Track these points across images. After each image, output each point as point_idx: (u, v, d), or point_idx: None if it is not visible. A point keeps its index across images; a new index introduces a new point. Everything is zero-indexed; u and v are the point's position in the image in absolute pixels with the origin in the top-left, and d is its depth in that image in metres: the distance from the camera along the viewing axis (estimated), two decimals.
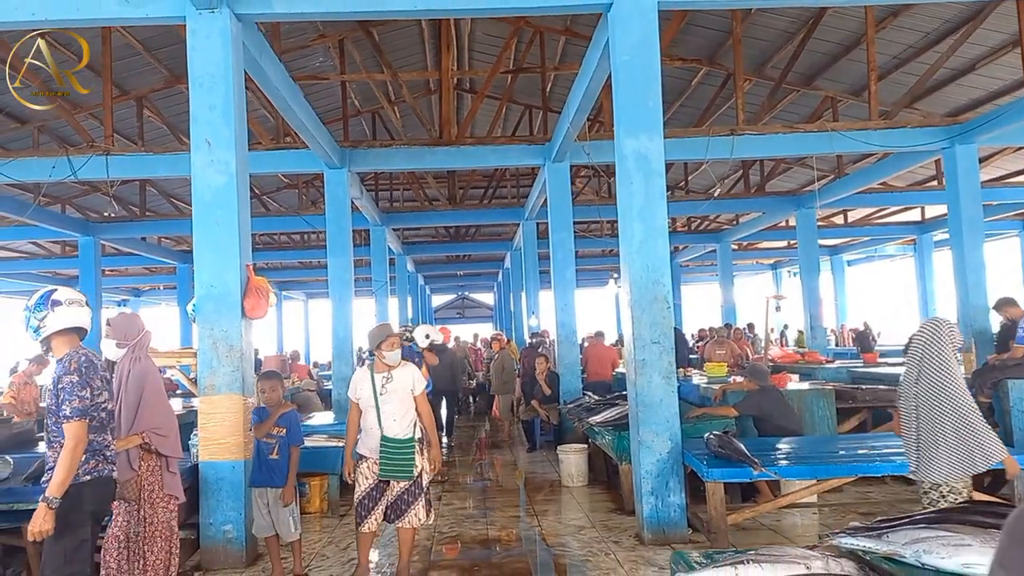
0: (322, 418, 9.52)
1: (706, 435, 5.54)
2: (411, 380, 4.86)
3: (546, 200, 11.05)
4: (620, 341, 14.77)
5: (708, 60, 12.33)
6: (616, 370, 11.15)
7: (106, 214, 12.56)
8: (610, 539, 5.84)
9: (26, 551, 5.03)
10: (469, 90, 15.07)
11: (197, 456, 5.69)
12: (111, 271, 23.32)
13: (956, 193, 10.37)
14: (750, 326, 15.63)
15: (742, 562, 2.58)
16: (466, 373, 14.92)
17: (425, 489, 4.86)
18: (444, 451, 10.97)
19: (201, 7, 5.61)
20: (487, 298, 37.02)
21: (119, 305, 31.09)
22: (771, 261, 29.90)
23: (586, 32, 9.59)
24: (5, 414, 7.13)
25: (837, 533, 2.80)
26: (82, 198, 15.56)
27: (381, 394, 4.75)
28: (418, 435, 4.82)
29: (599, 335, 11.88)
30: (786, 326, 25.66)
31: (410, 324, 18.58)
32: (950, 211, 10.69)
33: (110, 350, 4.35)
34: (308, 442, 7.31)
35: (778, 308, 10.09)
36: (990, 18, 9.46)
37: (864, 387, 8.02)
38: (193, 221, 5.75)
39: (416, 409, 4.86)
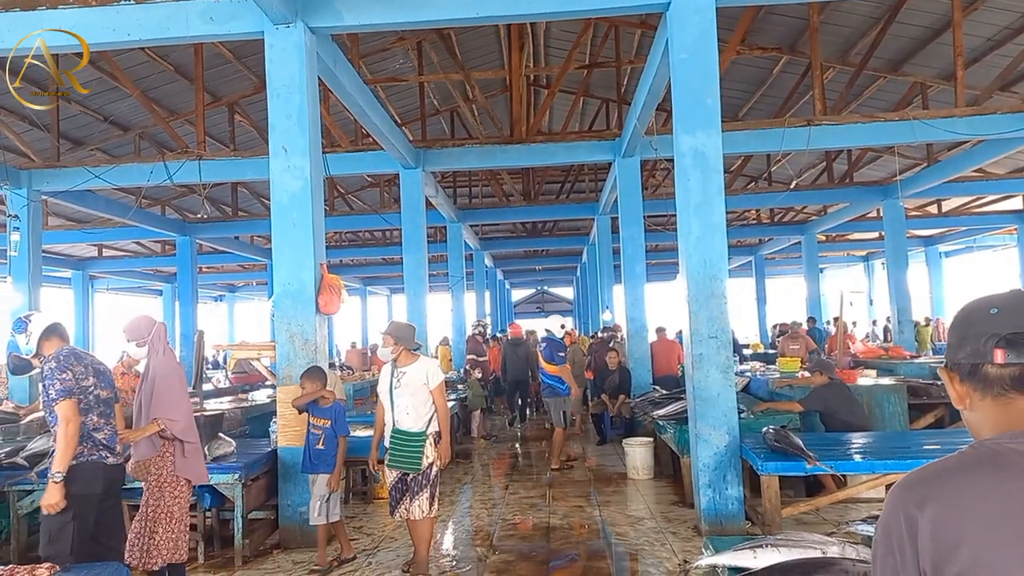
0: None
1: (764, 429, 5.55)
2: (425, 374, 4.97)
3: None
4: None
5: (789, 49, 12.08)
6: (681, 363, 11.15)
7: (200, 215, 13.37)
8: (668, 530, 5.94)
9: None
10: (545, 86, 15.24)
11: (276, 442, 6.10)
12: (207, 268, 24.68)
13: None
14: (811, 320, 15.20)
15: (761, 546, 2.68)
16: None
17: (431, 482, 4.92)
18: (518, 436, 11.26)
19: (277, 22, 6.00)
20: (567, 292, 37.12)
21: (216, 300, 32.84)
22: (863, 253, 28.79)
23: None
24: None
25: (855, 521, 2.85)
26: (179, 199, 16.60)
27: (395, 388, 4.95)
28: (433, 428, 4.94)
29: (660, 330, 11.85)
30: (874, 321, 24.76)
31: (485, 318, 18.95)
32: None
33: (133, 351, 4.55)
34: None
35: (851, 304, 9.82)
36: None
37: (939, 384, 7.77)
38: (272, 223, 6.16)
39: (433, 403, 4.97)
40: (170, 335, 20.16)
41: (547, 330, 9.72)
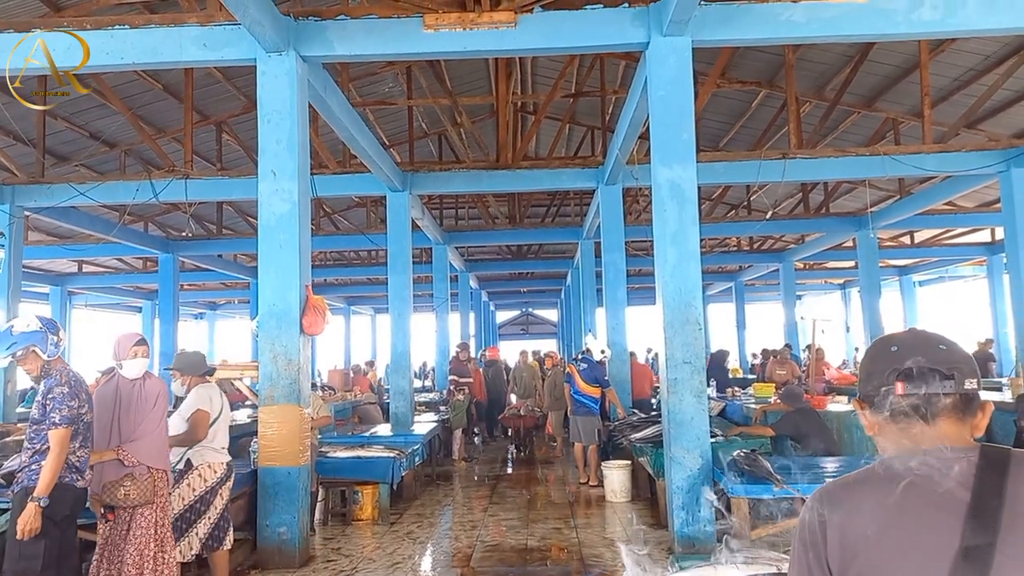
0: (381, 430, 10.00)
1: (735, 453, 5.72)
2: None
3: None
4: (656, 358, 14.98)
5: (767, 83, 12.39)
6: (654, 387, 11.35)
7: (185, 234, 13.44)
8: (643, 552, 6.06)
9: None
10: (532, 112, 15.50)
11: (256, 462, 6.17)
12: (189, 285, 24.58)
13: (1012, 216, 10.23)
14: (787, 347, 15.54)
15: (721, 563, 2.83)
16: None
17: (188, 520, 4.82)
18: (497, 458, 11.34)
19: (270, 50, 6.17)
20: (551, 315, 37.30)
21: (196, 318, 32.67)
22: (840, 281, 29.29)
23: None
24: None
25: None
26: (163, 216, 16.62)
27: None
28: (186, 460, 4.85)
29: (631, 354, 12.06)
30: (856, 348, 25.11)
31: (469, 340, 19.07)
32: (1007, 234, 10.55)
33: (142, 369, 4.48)
34: (363, 452, 7.80)
35: (823, 331, 10.09)
36: None
37: None
38: (259, 244, 6.28)
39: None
40: (150, 353, 20.11)
41: (587, 349, 9.85)
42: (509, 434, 13.02)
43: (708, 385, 14.10)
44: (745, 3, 6.30)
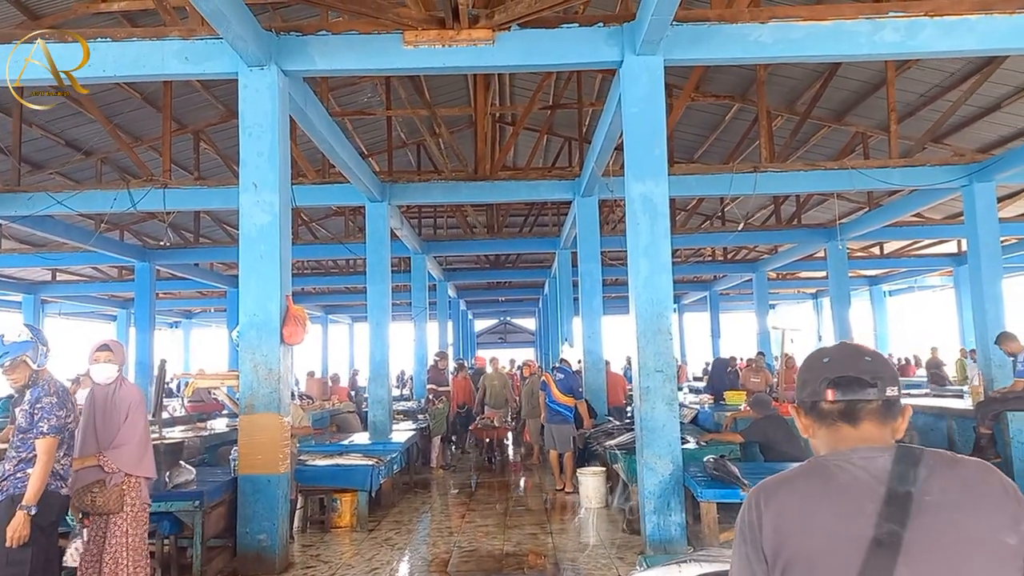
0: (360, 438, 10.08)
1: (705, 459, 5.90)
2: None
3: None
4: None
5: (740, 97, 12.68)
6: (627, 395, 11.53)
7: (162, 243, 13.42)
8: (615, 555, 6.22)
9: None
10: (510, 123, 15.67)
11: (236, 470, 6.24)
12: (164, 294, 24.44)
13: (975, 228, 10.56)
14: (760, 355, 15.82)
15: (685, 561, 2.98)
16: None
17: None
18: (474, 466, 11.43)
19: (252, 64, 6.29)
20: (529, 323, 37.49)
21: (171, 327, 32.41)
22: (813, 291, 29.81)
23: None
24: None
25: None
26: (140, 224, 16.57)
27: None
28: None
29: (606, 363, 12.27)
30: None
31: (447, 348, 19.16)
32: (969, 246, 10.89)
33: (108, 374, 4.51)
34: (342, 460, 7.89)
35: (792, 340, 10.34)
36: (1012, 60, 9.67)
37: None
38: (240, 255, 6.37)
39: None
40: (123, 359, 19.91)
41: (563, 360, 9.99)
42: (478, 446, 12.84)
43: (705, 392, 14.36)
44: (715, 24, 6.52)
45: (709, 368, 17.48)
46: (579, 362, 9.87)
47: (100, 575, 4.33)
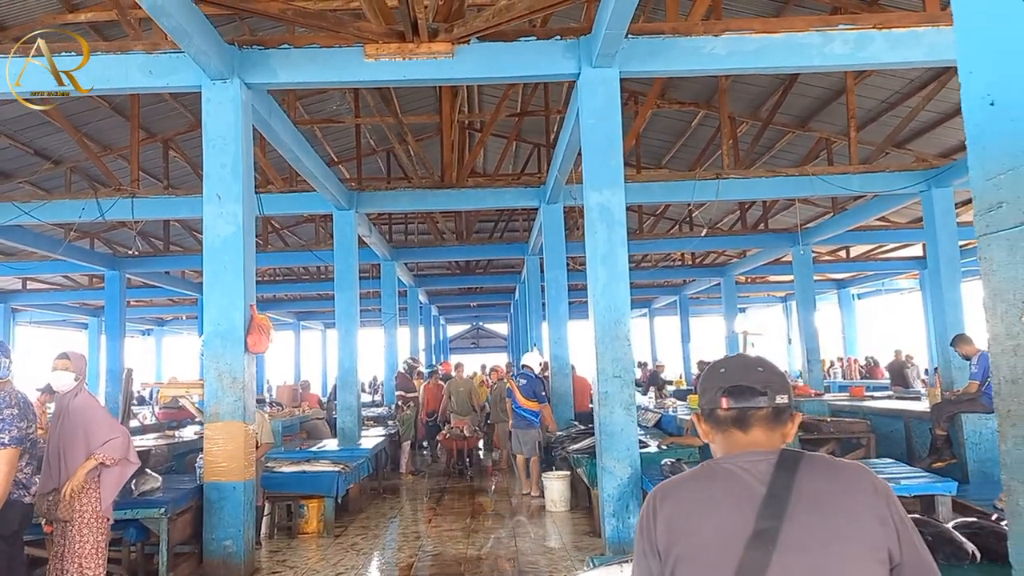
0: (328, 444, 10.14)
1: (662, 462, 6.06)
2: None
3: None
4: None
5: (706, 103, 12.90)
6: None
7: (131, 252, 13.39)
8: (577, 558, 6.36)
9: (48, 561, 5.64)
10: (479, 129, 15.81)
11: (202, 477, 6.31)
12: (136, 302, 24.25)
13: (933, 233, 10.86)
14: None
15: (627, 560, 3.12)
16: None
17: None
18: (443, 472, 11.52)
19: (215, 78, 6.37)
20: (501, 328, 37.62)
21: (144, 335, 32.12)
22: (783, 294, 30.23)
23: None
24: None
25: None
26: (110, 232, 16.48)
27: None
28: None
29: (572, 367, 12.43)
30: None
31: (419, 355, 19.24)
32: (928, 250, 11.19)
33: (66, 383, 4.63)
34: (309, 467, 7.97)
35: (752, 344, 10.58)
36: None
37: (829, 419, 8.49)
38: (204, 265, 6.44)
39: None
40: (95, 370, 19.54)
41: (525, 366, 10.12)
42: (448, 456, 11.99)
43: (648, 395, 14.56)
44: (670, 37, 6.71)
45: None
46: (540, 365, 9.99)
47: None
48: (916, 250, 20.81)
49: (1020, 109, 1.42)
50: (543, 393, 9.48)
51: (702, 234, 14.51)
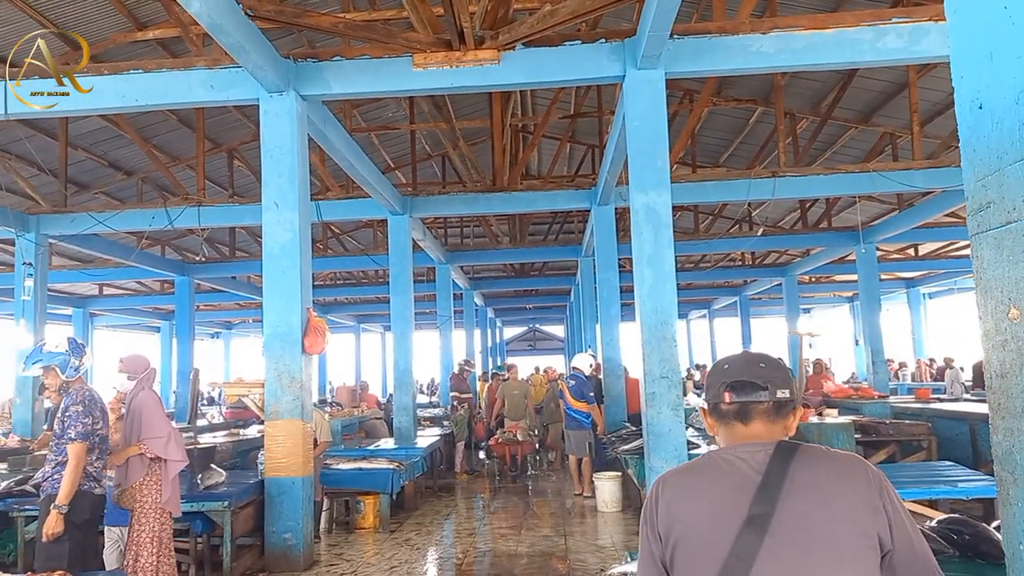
0: (385, 443, 10.40)
1: None
2: None
3: None
4: None
5: (763, 100, 12.69)
6: None
7: (199, 258, 13.97)
8: (627, 557, 6.39)
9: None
10: (532, 132, 15.91)
11: (263, 473, 6.58)
12: (205, 306, 25.19)
13: None
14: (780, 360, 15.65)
15: None
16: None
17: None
18: (496, 472, 11.65)
19: (271, 91, 6.65)
20: (558, 330, 37.62)
21: (212, 337, 33.30)
22: (849, 294, 29.38)
23: None
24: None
25: None
26: (179, 240, 17.21)
27: None
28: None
29: (625, 370, 12.38)
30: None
31: (474, 357, 19.44)
32: None
33: (122, 383, 4.99)
34: (366, 464, 8.20)
35: (811, 346, 10.38)
36: None
37: (888, 422, 8.29)
38: (263, 270, 6.72)
39: None
40: (167, 372, 20.40)
41: (575, 367, 10.26)
42: (500, 462, 11.52)
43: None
44: (716, 36, 6.70)
45: None
46: (591, 367, 10.02)
47: (131, 563, 4.76)
48: None
49: (1004, 112, 1.45)
50: (591, 394, 9.51)
51: (758, 233, 14.27)
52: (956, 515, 3.39)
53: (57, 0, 8.32)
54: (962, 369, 17.52)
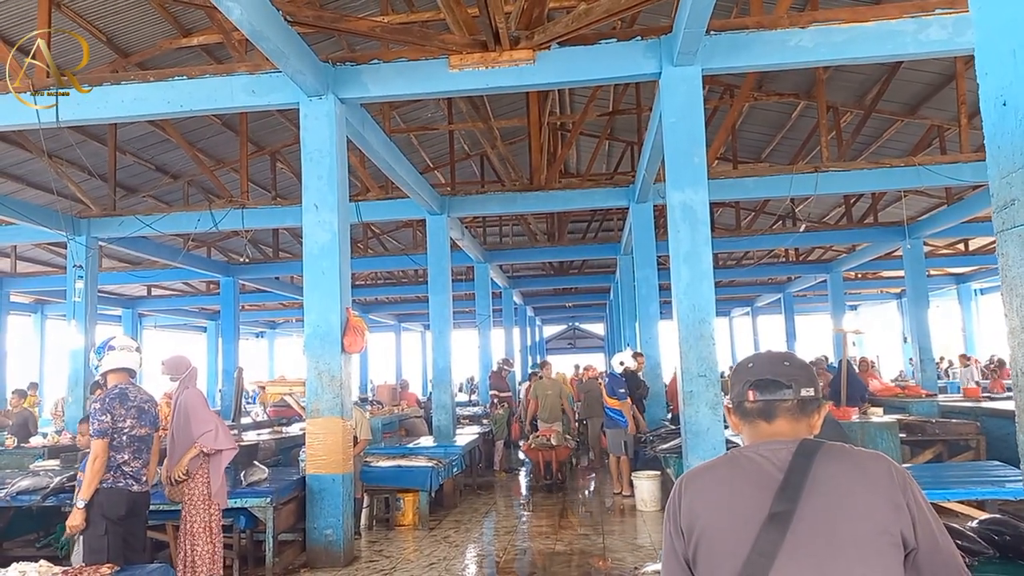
0: (424, 441, 10.49)
1: None
2: None
3: None
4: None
5: (806, 94, 12.47)
6: None
7: (243, 260, 14.26)
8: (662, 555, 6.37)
9: (168, 544, 6.17)
10: (570, 130, 15.88)
11: (304, 470, 6.71)
12: (249, 306, 25.70)
13: None
14: (824, 358, 15.28)
15: None
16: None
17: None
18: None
19: (311, 95, 6.77)
20: (598, 328, 37.46)
21: (257, 337, 33.94)
22: (897, 290, 28.68)
23: None
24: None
25: None
26: (224, 241, 17.59)
27: None
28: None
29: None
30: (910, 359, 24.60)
31: (514, 356, 19.47)
32: None
33: (166, 383, 5.24)
34: (405, 462, 8.30)
35: (854, 344, 10.18)
36: None
37: (935, 421, 8.11)
38: (304, 271, 6.85)
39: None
40: (213, 371, 20.88)
41: (610, 365, 10.27)
42: (534, 469, 10.47)
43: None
44: (754, 31, 6.62)
45: None
46: (623, 365, 9.79)
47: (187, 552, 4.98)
48: None
49: None
50: (622, 391, 9.43)
51: (800, 229, 14.03)
52: (997, 516, 3.32)
53: (106, 9, 8.60)
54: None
